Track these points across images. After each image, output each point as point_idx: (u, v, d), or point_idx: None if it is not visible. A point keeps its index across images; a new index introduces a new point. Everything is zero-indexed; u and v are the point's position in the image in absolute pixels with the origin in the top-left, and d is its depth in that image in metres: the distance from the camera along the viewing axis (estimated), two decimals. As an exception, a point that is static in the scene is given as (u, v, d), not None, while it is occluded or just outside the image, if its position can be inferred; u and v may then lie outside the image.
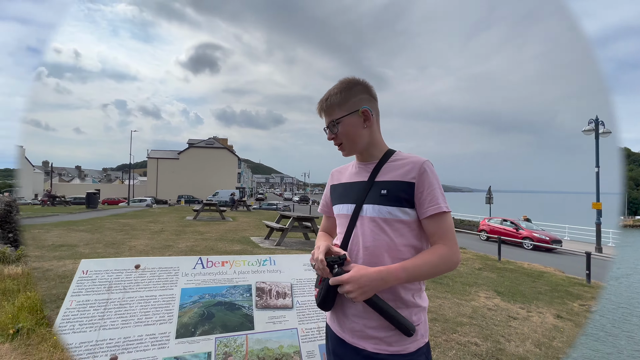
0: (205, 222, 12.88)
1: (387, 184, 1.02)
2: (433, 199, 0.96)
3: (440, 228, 0.97)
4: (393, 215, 0.99)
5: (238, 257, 1.60)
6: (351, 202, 1.11)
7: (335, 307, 1.10)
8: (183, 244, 7.18)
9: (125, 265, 1.39)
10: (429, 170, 0.99)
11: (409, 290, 0.98)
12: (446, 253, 0.95)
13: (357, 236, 1.05)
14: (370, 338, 0.99)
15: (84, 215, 14.37)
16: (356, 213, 1.07)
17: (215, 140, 57.68)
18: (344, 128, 1.07)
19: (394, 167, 1.04)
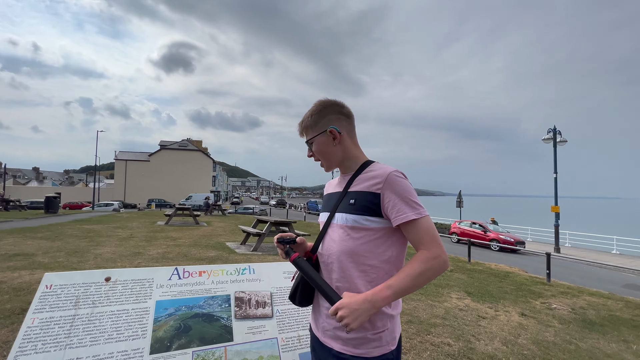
0: (178, 227, 12.41)
1: (356, 194, 1.07)
2: (400, 209, 0.99)
3: (417, 234, 0.99)
4: (358, 222, 1.03)
5: (216, 267, 1.56)
6: (328, 210, 1.17)
7: (314, 304, 1.18)
8: (154, 251, 6.86)
9: (94, 277, 1.32)
10: (394, 180, 1.02)
11: None
12: (428, 257, 0.96)
13: (327, 242, 1.13)
14: (337, 338, 1.05)
15: (42, 221, 13.34)
16: (329, 220, 1.14)
17: (188, 142, 55.86)
18: (317, 147, 1.15)
19: (365, 178, 1.09)
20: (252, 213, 31.64)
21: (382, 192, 1.02)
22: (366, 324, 1.00)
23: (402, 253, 1.08)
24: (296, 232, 8.62)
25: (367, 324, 1.00)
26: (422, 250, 0.97)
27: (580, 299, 5.75)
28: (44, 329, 1.12)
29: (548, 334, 3.89)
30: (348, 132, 1.17)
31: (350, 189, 1.12)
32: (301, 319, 1.53)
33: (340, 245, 1.06)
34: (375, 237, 1.03)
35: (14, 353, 1.05)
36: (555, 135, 15.09)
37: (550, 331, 3.98)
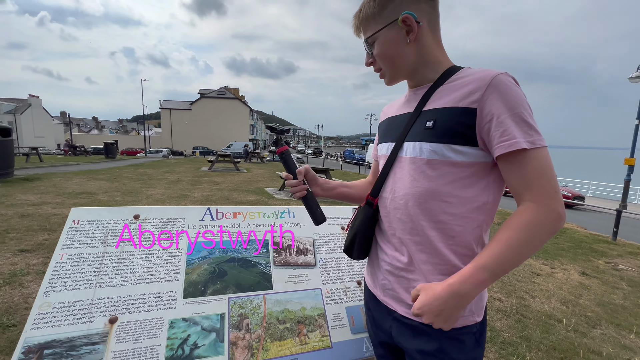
0: (220, 173, 12.96)
1: (436, 112, 0.76)
2: (506, 131, 0.66)
3: (524, 175, 0.67)
4: (439, 155, 0.73)
5: (252, 209, 1.38)
6: (391, 139, 0.85)
7: (371, 256, 0.94)
8: (199, 194, 7.21)
9: (122, 214, 1.20)
10: (501, 86, 0.67)
11: (459, 255, 0.75)
12: (536, 217, 0.65)
13: (392, 182, 0.82)
14: (401, 301, 0.81)
15: (103, 165, 14.70)
16: (394, 153, 0.82)
17: (226, 91, 56.26)
18: (381, 47, 0.81)
19: (451, 89, 0.75)
20: (289, 161, 32.26)
21: (481, 105, 0.69)
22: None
23: (498, 199, 0.76)
24: (333, 179, 8.52)
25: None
26: (529, 203, 0.66)
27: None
28: (73, 265, 1.04)
29: (615, 296, 3.48)
30: (429, 23, 0.79)
31: (426, 106, 0.78)
32: (347, 269, 1.34)
33: (411, 187, 0.77)
34: (463, 175, 0.73)
35: (43, 289, 0.98)
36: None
37: (617, 293, 3.56)
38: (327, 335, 1.14)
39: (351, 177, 15.18)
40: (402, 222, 0.80)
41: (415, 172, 0.77)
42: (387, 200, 0.84)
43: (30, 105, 45.46)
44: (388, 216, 0.84)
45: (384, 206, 0.86)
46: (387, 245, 0.86)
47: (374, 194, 0.88)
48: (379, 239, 0.90)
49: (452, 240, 0.75)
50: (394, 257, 0.82)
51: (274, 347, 1.05)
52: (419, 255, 0.77)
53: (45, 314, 0.94)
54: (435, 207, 0.74)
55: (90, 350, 0.91)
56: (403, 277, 0.80)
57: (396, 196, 0.81)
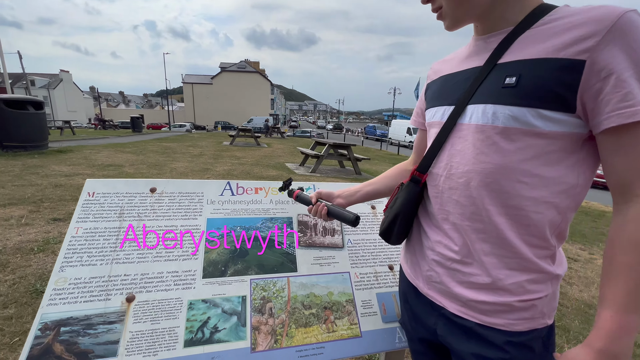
0: (241, 147, 13.03)
1: (519, 66, 0.57)
2: (629, 94, 0.48)
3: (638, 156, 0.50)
4: (521, 122, 0.56)
5: (275, 183, 1.27)
6: (448, 102, 0.69)
7: (409, 243, 0.81)
8: (221, 168, 7.27)
9: (138, 187, 1.12)
10: (632, 32, 0.49)
11: (532, 247, 0.60)
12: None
13: (449, 156, 0.67)
14: (453, 297, 0.67)
15: (130, 139, 15.17)
16: (452, 119, 0.66)
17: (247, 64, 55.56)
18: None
19: (545, 33, 0.56)
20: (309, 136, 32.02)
21: (595, 56, 0.50)
22: (510, 284, 0.61)
23: (590, 182, 0.60)
24: (355, 155, 8.28)
25: (511, 285, 0.61)
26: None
27: None
28: (89, 240, 0.98)
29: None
30: None
31: (505, 57, 0.61)
32: (378, 252, 1.22)
33: (476, 163, 0.61)
34: (549, 149, 0.56)
35: (59, 263, 0.93)
36: None
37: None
38: (356, 323, 1.04)
39: (372, 153, 14.83)
40: (459, 204, 0.65)
41: (483, 144, 0.60)
42: (439, 178, 0.69)
43: (62, 80, 47.21)
44: (440, 197, 0.69)
45: (434, 185, 0.71)
46: (434, 231, 0.72)
47: (422, 169, 0.73)
48: (423, 223, 0.76)
49: (526, 229, 0.59)
50: (445, 246, 0.68)
51: (299, 334, 0.97)
52: (481, 245, 0.63)
53: (62, 289, 0.89)
54: (508, 189, 0.59)
55: (107, 329, 0.86)
56: (456, 269, 0.67)
57: (453, 173, 0.65)
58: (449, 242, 0.68)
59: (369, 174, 8.41)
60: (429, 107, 0.77)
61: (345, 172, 8.47)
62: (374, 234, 1.26)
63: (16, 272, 2.12)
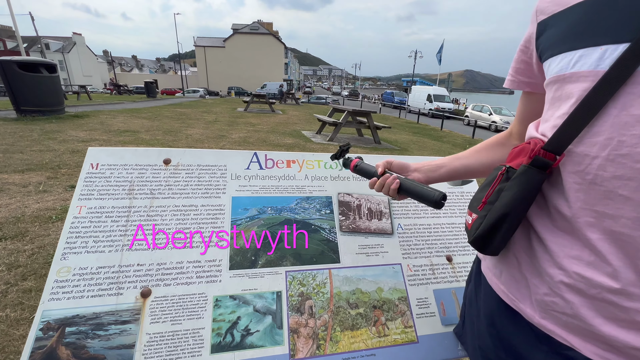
0: (256, 114, 12.71)
1: None
2: None
3: None
4: None
5: (309, 155, 1.06)
6: (612, 39, 0.44)
7: (509, 249, 0.59)
8: (236, 135, 7.09)
9: (150, 158, 0.93)
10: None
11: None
12: None
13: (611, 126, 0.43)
14: (595, 338, 0.46)
15: (144, 104, 15.05)
16: (623, 66, 0.42)
17: (259, 25, 53.01)
18: None
19: None
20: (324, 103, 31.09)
21: None
22: None
23: None
24: (375, 123, 7.88)
25: None
26: None
27: None
28: (94, 221, 0.82)
29: None
30: None
31: None
32: (434, 240, 1.02)
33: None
34: None
35: (61, 250, 0.78)
36: None
37: None
38: (411, 326, 0.87)
39: (391, 121, 14.22)
40: (630, 204, 0.41)
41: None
42: (594, 160, 0.44)
43: (75, 44, 46.69)
44: (591, 190, 0.45)
45: (580, 170, 0.46)
46: (567, 241, 0.48)
47: (555, 146, 0.49)
48: (538, 225, 0.53)
49: None
50: (588, 265, 0.46)
51: (345, 339, 0.81)
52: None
53: (65, 281, 0.75)
54: None
55: (121, 330, 0.72)
56: (610, 301, 0.44)
57: (627, 154, 0.41)
58: (596, 261, 0.45)
59: (389, 143, 8.07)
60: (559, 51, 0.50)
61: (364, 140, 8.15)
62: (428, 218, 1.05)
63: (35, 242, 2.07)
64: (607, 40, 0.44)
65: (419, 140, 9.31)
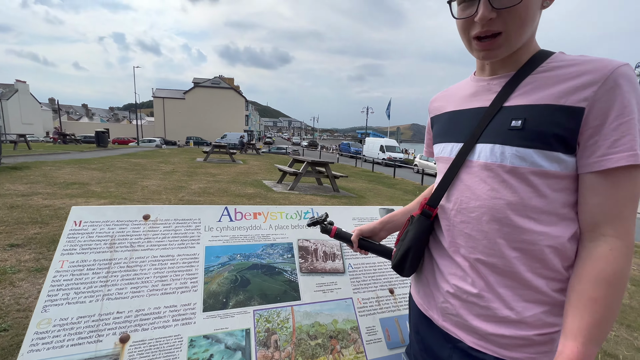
0: (216, 164, 12.72)
1: (525, 110, 0.62)
2: (622, 139, 0.55)
3: (617, 197, 0.56)
4: (528, 162, 0.61)
5: (273, 208, 1.25)
6: (457, 140, 0.73)
7: (421, 274, 0.81)
8: (196, 185, 7.02)
9: (130, 214, 1.05)
10: (625, 83, 0.55)
11: (546, 279, 0.63)
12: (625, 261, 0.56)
13: (461, 191, 0.68)
14: (470, 330, 0.67)
15: (94, 154, 14.30)
16: (462, 156, 0.70)
17: (221, 80, 55.18)
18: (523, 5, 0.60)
19: (548, 80, 0.62)
20: (285, 153, 32.02)
21: (592, 104, 0.56)
22: (528, 317, 0.63)
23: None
24: (333, 173, 8.37)
25: (530, 318, 0.63)
26: (611, 239, 0.57)
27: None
28: (76, 274, 0.90)
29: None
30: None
31: (510, 101, 0.65)
32: (378, 276, 1.22)
33: (488, 199, 0.64)
34: (556, 188, 0.61)
35: (42, 303, 0.84)
36: (645, 70, 12.52)
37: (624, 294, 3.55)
38: (362, 351, 1.03)
39: (348, 170, 15.06)
40: (471, 238, 0.67)
41: (493, 181, 0.64)
42: (450, 212, 0.71)
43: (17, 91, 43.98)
44: (451, 230, 0.71)
45: (445, 218, 0.73)
46: (447, 263, 0.73)
47: (433, 202, 0.75)
48: (435, 255, 0.77)
49: (538, 263, 0.62)
50: (460, 278, 0.70)
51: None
52: (495, 278, 0.65)
53: (45, 332, 0.80)
54: (519, 224, 0.61)
55: (99, 375, 0.78)
56: (474, 302, 0.67)
57: (464, 208, 0.68)
58: (464, 275, 0.69)
59: (347, 191, 8.49)
60: (437, 142, 0.80)
61: (323, 189, 8.50)
62: (373, 257, 1.27)
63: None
64: (454, 140, 0.73)
65: (374, 188, 9.92)
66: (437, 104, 0.85)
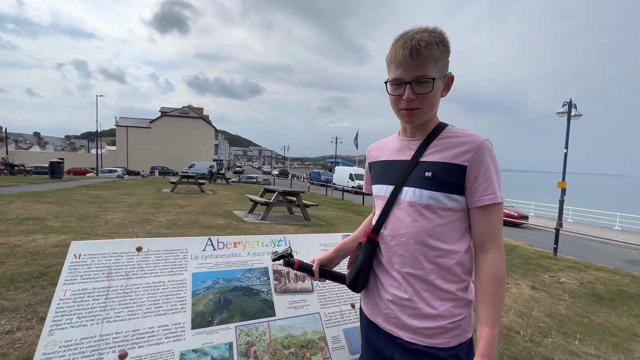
0: (184, 195, 12.43)
1: (434, 165, 0.90)
2: (489, 186, 0.85)
3: (492, 223, 0.86)
4: (437, 201, 0.88)
5: (251, 238, 1.45)
6: (389, 183, 0.99)
7: (368, 289, 1.05)
8: (163, 218, 6.87)
9: (124, 247, 1.21)
10: (487, 152, 0.87)
11: (452, 282, 0.89)
12: (502, 265, 0.85)
13: (393, 222, 0.95)
14: (405, 327, 0.91)
15: (49, 186, 13.37)
16: (394, 196, 0.95)
17: (190, 109, 54.75)
18: (433, 90, 0.87)
19: (444, 145, 0.91)
20: (255, 182, 31.81)
21: (471, 164, 0.86)
22: (443, 311, 0.88)
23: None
24: (304, 202, 8.58)
25: (444, 312, 0.88)
26: (495, 252, 0.86)
27: (587, 274, 5.79)
28: (78, 301, 1.03)
29: (560, 307, 3.92)
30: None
31: (424, 157, 0.92)
32: (341, 293, 1.45)
33: (412, 227, 0.90)
34: (454, 217, 0.89)
35: (48, 327, 0.96)
36: (570, 108, 14.57)
37: (562, 304, 4.01)
38: (328, 357, 1.22)
39: (319, 199, 15.35)
40: (402, 257, 0.91)
41: (415, 214, 0.89)
42: (387, 237, 0.95)
43: (-42, 118, 40.23)
44: (388, 251, 0.95)
45: (384, 242, 0.97)
46: (387, 278, 0.96)
47: (375, 231, 1.00)
48: (377, 272, 1.00)
49: (446, 271, 0.87)
50: (396, 288, 0.93)
51: (281, 372, 1.11)
52: (419, 285, 0.89)
53: (52, 353, 0.92)
54: (433, 245, 0.88)
55: (102, 388, 0.90)
56: (406, 305, 0.90)
57: (396, 234, 0.93)
58: (398, 285, 0.93)
59: (318, 219, 8.68)
60: (374, 183, 1.07)
61: (294, 218, 8.63)
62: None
63: None
64: (388, 183, 1.01)
65: (345, 216, 10.20)
66: (374, 153, 1.11)
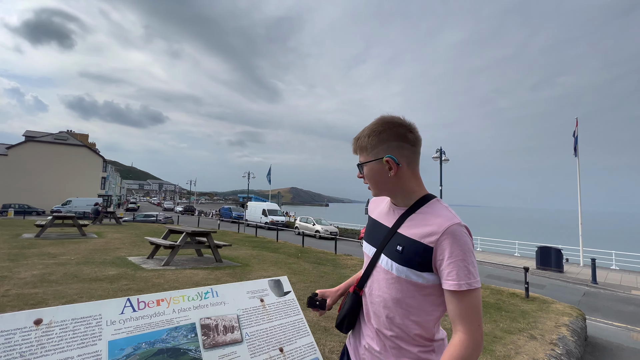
0: (56, 240, 10.07)
1: (405, 240, 0.95)
2: (451, 272, 0.85)
3: (458, 307, 0.85)
4: (405, 275, 0.93)
5: (175, 293, 1.41)
6: (374, 245, 1.09)
7: (355, 330, 1.18)
8: (27, 273, 5.42)
9: (17, 322, 1.03)
10: (453, 237, 0.86)
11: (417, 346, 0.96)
12: (465, 344, 0.81)
13: (373, 282, 1.06)
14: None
15: None
16: (375, 259, 1.06)
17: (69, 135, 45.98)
18: (368, 173, 1.03)
19: (419, 221, 0.95)
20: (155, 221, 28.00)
21: (437, 246, 0.88)
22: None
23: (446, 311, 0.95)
24: (216, 242, 8.03)
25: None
26: (459, 334, 0.84)
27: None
28: (-51, 401, 0.83)
29: None
30: (408, 163, 0.99)
31: (400, 228, 0.98)
32: (270, 338, 1.51)
33: (385, 292, 0.99)
34: (422, 292, 0.93)
35: None
36: (441, 154, 18.30)
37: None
38: (260, 407, 1.25)
39: (231, 237, 14.51)
40: (376, 315, 1.04)
41: (387, 282, 0.98)
42: (367, 294, 1.08)
43: None
44: (367, 306, 1.09)
45: (365, 297, 1.10)
46: (365, 328, 1.10)
47: (360, 286, 1.11)
48: (361, 319, 1.13)
49: (409, 337, 0.97)
50: (371, 339, 1.06)
51: None
52: (387, 342, 1.00)
53: None
54: (399, 312, 0.96)
55: None
56: (377, 357, 1.03)
57: (373, 294, 1.05)
58: (373, 337, 1.05)
59: (231, 260, 8.17)
60: (365, 238, 1.14)
61: (204, 260, 7.93)
62: (264, 323, 1.55)
63: None
64: (373, 244, 1.12)
65: (259, 254, 9.82)
66: (372, 206, 1.19)
